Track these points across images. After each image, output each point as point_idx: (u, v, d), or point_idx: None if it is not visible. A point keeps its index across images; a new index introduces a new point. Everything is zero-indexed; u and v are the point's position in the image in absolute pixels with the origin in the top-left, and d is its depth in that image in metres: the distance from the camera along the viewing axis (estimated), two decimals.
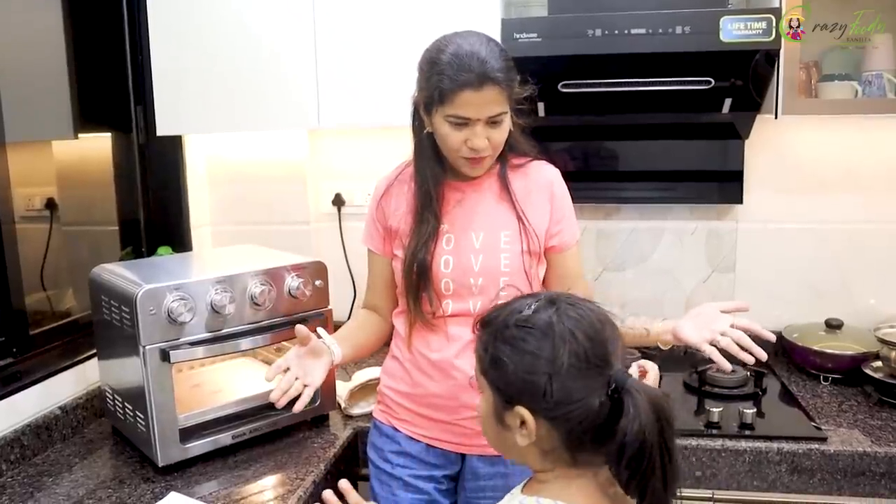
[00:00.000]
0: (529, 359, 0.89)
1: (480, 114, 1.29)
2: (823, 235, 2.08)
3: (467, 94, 1.27)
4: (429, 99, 1.33)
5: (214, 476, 1.49)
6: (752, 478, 1.56)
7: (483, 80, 1.26)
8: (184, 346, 1.48)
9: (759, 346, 1.29)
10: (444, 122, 1.32)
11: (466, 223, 1.41)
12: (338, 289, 1.74)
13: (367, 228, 1.53)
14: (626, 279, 2.18)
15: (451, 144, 1.33)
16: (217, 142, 2.30)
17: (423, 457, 1.44)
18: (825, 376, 1.89)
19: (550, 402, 0.88)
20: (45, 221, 1.93)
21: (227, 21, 1.94)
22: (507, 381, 0.91)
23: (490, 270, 1.38)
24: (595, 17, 1.71)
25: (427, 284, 1.39)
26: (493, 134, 1.32)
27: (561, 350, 0.87)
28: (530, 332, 0.90)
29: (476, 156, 1.34)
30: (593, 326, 0.91)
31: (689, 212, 2.14)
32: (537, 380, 0.88)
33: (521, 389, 0.90)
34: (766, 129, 2.00)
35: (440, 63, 1.29)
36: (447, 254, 1.40)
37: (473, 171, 1.39)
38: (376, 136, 2.20)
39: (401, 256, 1.43)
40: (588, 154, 2.13)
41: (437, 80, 1.29)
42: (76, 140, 2.06)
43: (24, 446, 1.54)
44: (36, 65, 1.88)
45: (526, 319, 0.91)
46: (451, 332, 1.39)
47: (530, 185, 1.43)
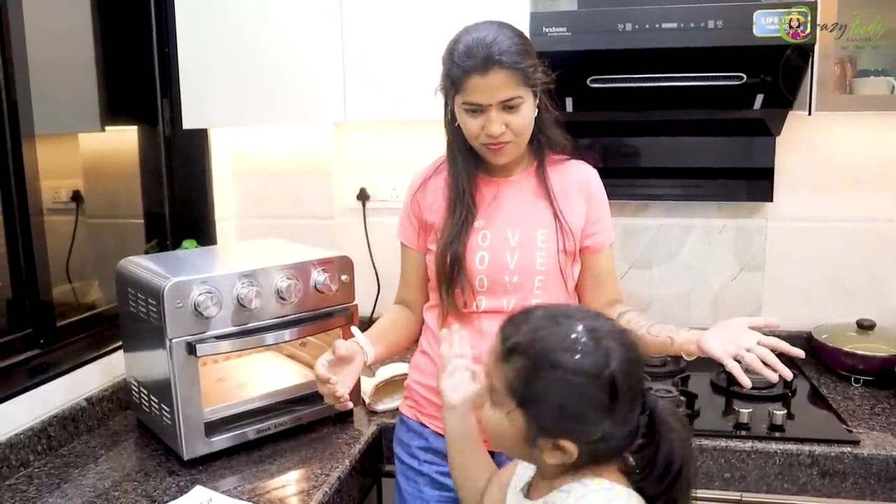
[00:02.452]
0: (578, 399, 0.89)
1: (491, 98, 1.29)
2: (855, 234, 2.04)
3: (475, 80, 1.28)
4: (446, 89, 1.35)
5: (239, 470, 1.49)
6: (782, 480, 1.53)
7: (488, 63, 1.26)
8: (210, 339, 1.48)
9: (783, 365, 1.25)
10: (461, 110, 1.34)
11: (502, 220, 1.40)
12: (362, 284, 1.74)
13: (402, 222, 1.53)
14: (652, 277, 2.16)
15: (470, 131, 1.34)
16: (242, 135, 2.30)
17: None
18: (856, 378, 1.86)
19: (596, 436, 0.89)
20: (71, 214, 1.94)
21: (253, 15, 1.93)
22: (551, 417, 0.90)
23: (526, 268, 1.37)
24: (625, 10, 1.68)
25: (460, 275, 1.38)
26: (511, 119, 1.31)
27: (610, 390, 0.88)
28: (576, 373, 0.88)
29: (494, 142, 1.33)
30: (634, 359, 0.90)
31: (716, 209, 2.11)
32: (586, 420, 0.88)
33: (568, 428, 0.90)
34: (798, 125, 1.96)
35: (452, 53, 1.31)
36: (482, 250, 1.39)
37: (496, 159, 1.38)
38: (402, 130, 2.19)
39: (434, 250, 1.42)
40: (615, 150, 2.11)
41: (448, 69, 1.32)
42: (102, 133, 2.07)
43: (50, 437, 1.55)
44: (65, 58, 1.89)
45: (571, 357, 0.89)
46: (484, 327, 1.38)
47: (568, 184, 1.42)
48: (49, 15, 1.78)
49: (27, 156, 1.59)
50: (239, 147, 2.31)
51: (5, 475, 1.44)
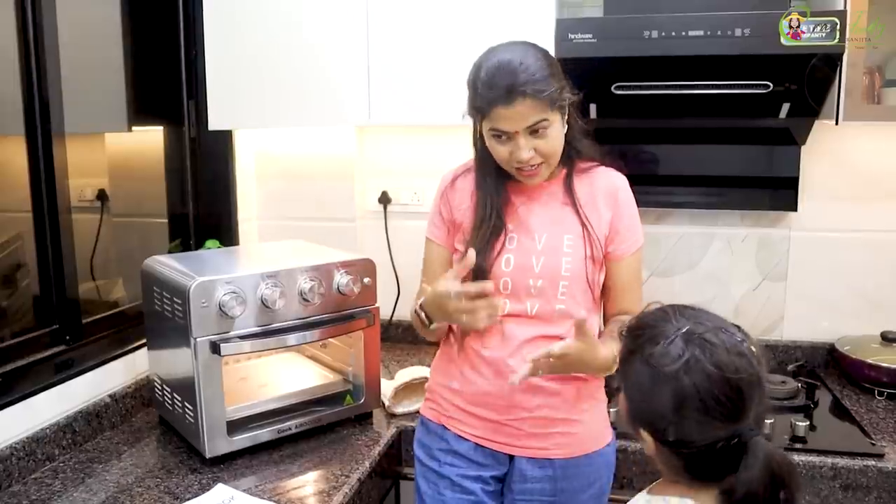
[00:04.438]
0: (653, 399, 0.92)
1: (516, 126, 1.28)
2: (880, 245, 2.02)
3: (499, 110, 1.27)
4: (472, 114, 1.35)
5: (259, 470, 1.50)
6: (803, 493, 1.52)
7: (511, 93, 1.25)
8: (234, 339, 1.49)
9: None
10: (489, 135, 1.33)
11: (530, 224, 1.40)
12: (382, 287, 1.74)
13: (432, 219, 1.51)
14: (674, 285, 2.15)
15: (500, 157, 1.34)
16: (265, 137, 2.32)
17: (471, 456, 1.43)
18: (880, 391, 1.84)
19: (671, 438, 0.91)
20: (96, 212, 1.96)
21: (280, 18, 1.95)
22: (633, 404, 0.97)
23: (551, 273, 1.37)
24: (651, 18, 1.68)
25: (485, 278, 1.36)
26: (539, 143, 1.30)
27: (685, 402, 0.90)
28: (659, 375, 0.92)
29: (524, 167, 1.33)
30: (727, 379, 0.90)
31: (739, 218, 2.10)
32: (657, 420, 0.92)
33: (644, 420, 0.95)
34: (823, 134, 1.95)
35: (476, 80, 1.30)
36: (508, 252, 1.39)
37: (529, 181, 1.37)
38: (424, 134, 2.20)
39: (461, 250, 1.41)
40: (639, 157, 2.10)
41: (474, 98, 1.31)
42: (128, 133, 2.09)
43: (75, 432, 1.57)
44: (94, 59, 1.92)
45: (659, 358, 0.92)
46: (507, 330, 1.38)
47: (595, 191, 1.41)
48: (79, 17, 1.81)
49: (57, 155, 1.61)
50: (262, 148, 2.33)
51: (31, 468, 1.46)
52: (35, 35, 1.56)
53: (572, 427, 1.39)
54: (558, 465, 1.39)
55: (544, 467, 1.39)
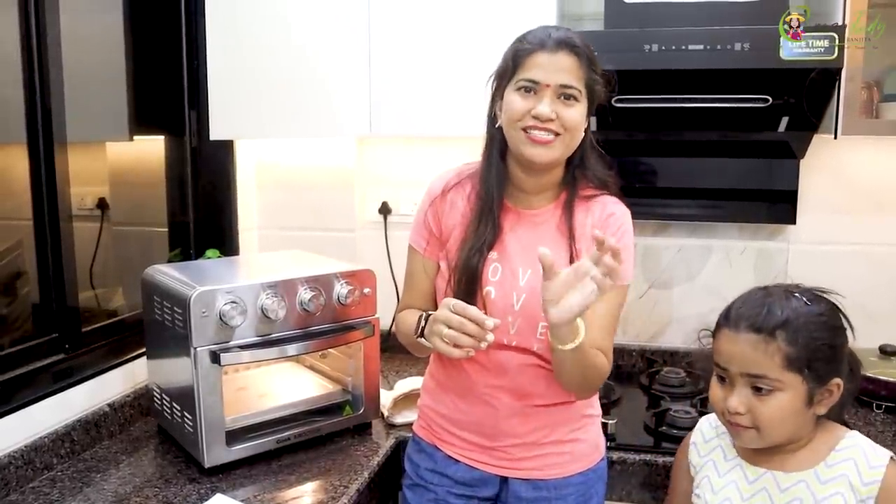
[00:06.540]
0: (842, 337, 1.19)
1: (551, 79, 1.22)
2: (878, 259, 2.03)
3: (541, 56, 1.23)
4: (503, 71, 1.29)
5: (258, 480, 1.49)
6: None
7: (560, 44, 1.23)
8: (234, 349, 1.49)
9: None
10: (514, 92, 1.26)
11: (516, 256, 1.32)
12: (382, 298, 1.74)
13: (417, 228, 1.44)
14: (672, 297, 2.15)
15: (515, 111, 1.25)
16: (266, 147, 2.32)
17: (462, 477, 1.41)
18: (878, 404, 1.84)
19: (857, 368, 1.26)
20: (96, 220, 1.97)
21: (282, 29, 1.96)
22: (827, 361, 1.16)
23: (530, 312, 1.29)
24: (651, 31, 1.69)
25: (474, 292, 1.30)
26: (563, 111, 1.23)
27: (848, 330, 1.21)
28: (828, 318, 1.18)
29: (540, 126, 1.23)
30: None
31: (738, 231, 2.10)
32: (846, 355, 1.20)
33: (839, 366, 1.18)
34: (822, 148, 1.96)
35: (522, 38, 1.28)
36: (490, 284, 1.31)
37: (535, 151, 1.25)
38: (424, 145, 2.20)
39: (444, 269, 1.37)
40: (638, 169, 2.11)
41: (515, 48, 1.28)
42: (130, 142, 2.10)
43: (73, 441, 1.57)
44: (96, 68, 1.92)
45: (820, 310, 1.18)
46: (490, 359, 1.33)
47: (592, 222, 1.33)
48: (82, 26, 1.81)
49: (58, 163, 1.61)
50: (263, 158, 2.33)
51: (29, 477, 1.45)
52: (38, 44, 1.57)
53: (565, 447, 1.38)
54: (552, 486, 1.37)
55: (539, 488, 1.37)
